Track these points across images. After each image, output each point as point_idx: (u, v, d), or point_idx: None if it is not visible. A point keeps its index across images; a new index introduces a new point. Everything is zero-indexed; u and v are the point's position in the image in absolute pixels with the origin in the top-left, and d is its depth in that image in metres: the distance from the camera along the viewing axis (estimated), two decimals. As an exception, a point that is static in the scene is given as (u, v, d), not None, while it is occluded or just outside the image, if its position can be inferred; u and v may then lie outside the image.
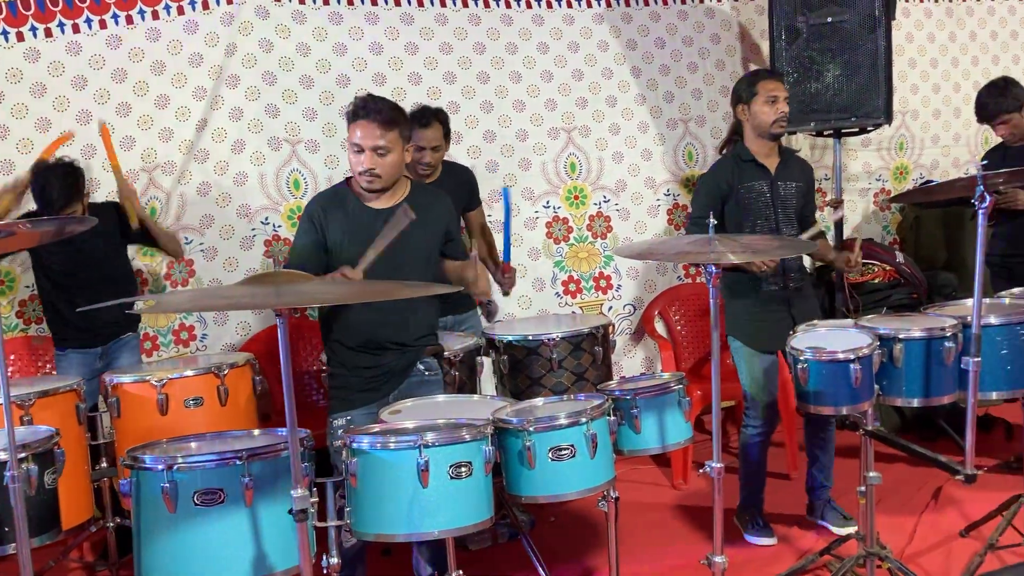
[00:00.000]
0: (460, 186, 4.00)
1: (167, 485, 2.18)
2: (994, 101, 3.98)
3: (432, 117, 3.72)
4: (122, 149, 3.86)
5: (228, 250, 4.05)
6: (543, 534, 3.73)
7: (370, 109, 2.74)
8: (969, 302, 2.86)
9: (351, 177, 2.89)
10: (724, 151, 3.59)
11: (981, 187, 2.67)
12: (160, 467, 2.21)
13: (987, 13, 5.52)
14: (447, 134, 3.82)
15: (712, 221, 2.58)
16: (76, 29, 3.79)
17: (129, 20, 3.86)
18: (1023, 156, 3.94)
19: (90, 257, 3.48)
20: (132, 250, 3.77)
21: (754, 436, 3.54)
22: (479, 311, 4.21)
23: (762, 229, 3.41)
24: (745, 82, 3.47)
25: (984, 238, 2.70)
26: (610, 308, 4.70)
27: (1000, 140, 4.20)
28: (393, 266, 2.75)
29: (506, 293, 4.01)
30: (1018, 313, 3.04)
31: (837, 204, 4.46)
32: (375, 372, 2.88)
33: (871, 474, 2.96)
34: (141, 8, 3.88)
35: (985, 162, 2.76)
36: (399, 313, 2.84)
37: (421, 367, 2.97)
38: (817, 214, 3.74)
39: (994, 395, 3.06)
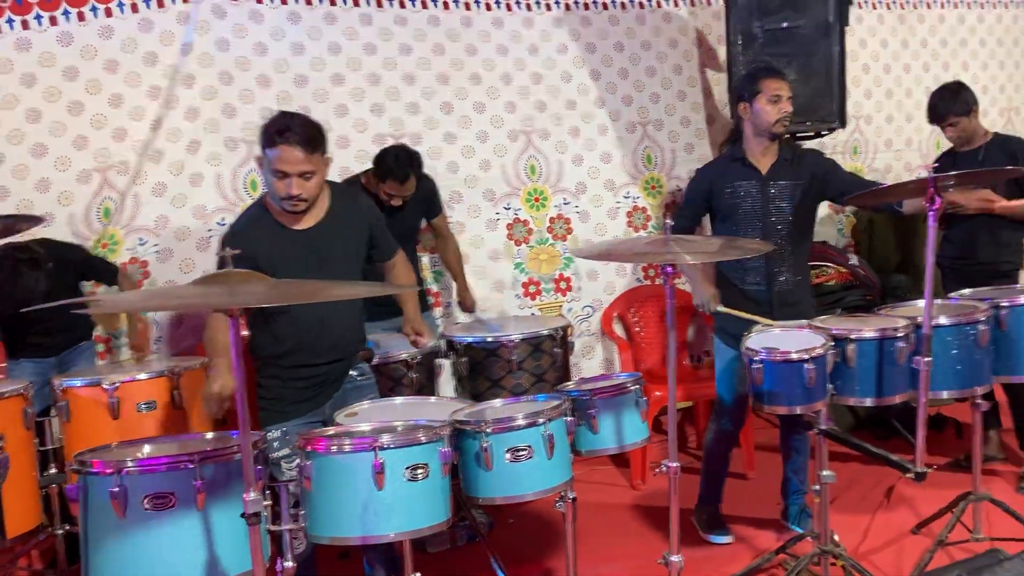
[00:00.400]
0: (422, 197, 3.99)
1: (116, 489, 2.14)
2: (944, 104, 4.04)
3: (409, 172, 3.69)
4: (75, 148, 3.80)
5: (184, 251, 3.99)
6: (502, 536, 3.73)
7: (293, 132, 2.61)
8: (920, 303, 2.91)
9: (266, 194, 2.82)
10: (724, 150, 3.59)
11: (932, 189, 2.72)
12: (109, 471, 2.16)
13: (937, 20, 5.63)
14: (419, 181, 3.81)
15: (669, 223, 2.59)
16: (25, 25, 3.71)
17: (81, 17, 3.80)
18: (971, 162, 4.02)
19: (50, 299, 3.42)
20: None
21: (719, 434, 3.55)
22: (433, 312, 4.23)
23: (749, 230, 3.37)
24: (747, 80, 3.40)
25: (935, 241, 2.75)
26: (570, 310, 4.71)
27: (950, 147, 4.27)
28: (317, 276, 2.72)
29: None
30: (968, 314, 3.09)
31: None
32: (309, 383, 2.85)
33: (825, 473, 2.99)
34: (94, 5, 3.82)
35: (936, 164, 2.81)
36: (327, 322, 2.81)
37: (354, 372, 2.95)
38: None
39: (945, 394, 3.11)
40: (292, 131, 2.61)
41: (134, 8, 3.87)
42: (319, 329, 2.80)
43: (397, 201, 3.75)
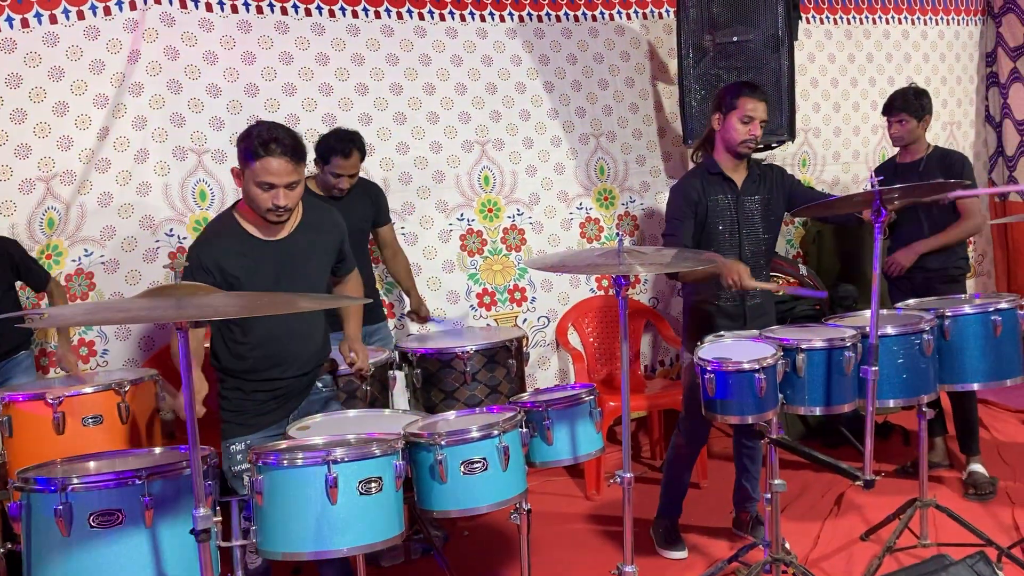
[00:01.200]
0: (369, 202, 3.99)
1: (60, 507, 2.09)
2: (904, 99, 4.10)
3: (352, 146, 3.72)
4: (17, 157, 3.71)
5: (130, 262, 3.92)
6: (456, 549, 3.71)
7: (279, 144, 2.60)
8: (867, 313, 2.96)
9: (237, 204, 2.80)
10: (695, 156, 3.53)
11: (878, 201, 2.78)
12: (52, 488, 2.11)
13: (883, 36, 5.76)
14: (363, 158, 3.81)
15: (620, 234, 2.61)
16: (-33, 31, 3.63)
17: (25, 24, 3.71)
18: (912, 173, 4.09)
19: None
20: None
21: (683, 447, 3.54)
22: (391, 332, 4.20)
23: (725, 243, 3.37)
24: (729, 93, 3.36)
25: (880, 252, 2.81)
26: (525, 320, 4.71)
27: (892, 156, 4.35)
28: (288, 288, 2.72)
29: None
30: (913, 324, 3.16)
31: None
32: (272, 395, 2.83)
33: (776, 481, 3.03)
34: (38, 12, 3.73)
35: (881, 177, 2.87)
36: (291, 335, 2.79)
37: (319, 384, 2.94)
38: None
39: (891, 403, 3.17)
40: (279, 142, 2.60)
41: (80, 15, 3.79)
42: (282, 342, 2.78)
43: (345, 183, 3.74)
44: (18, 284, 3.54)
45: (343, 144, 3.71)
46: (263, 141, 2.59)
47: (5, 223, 3.70)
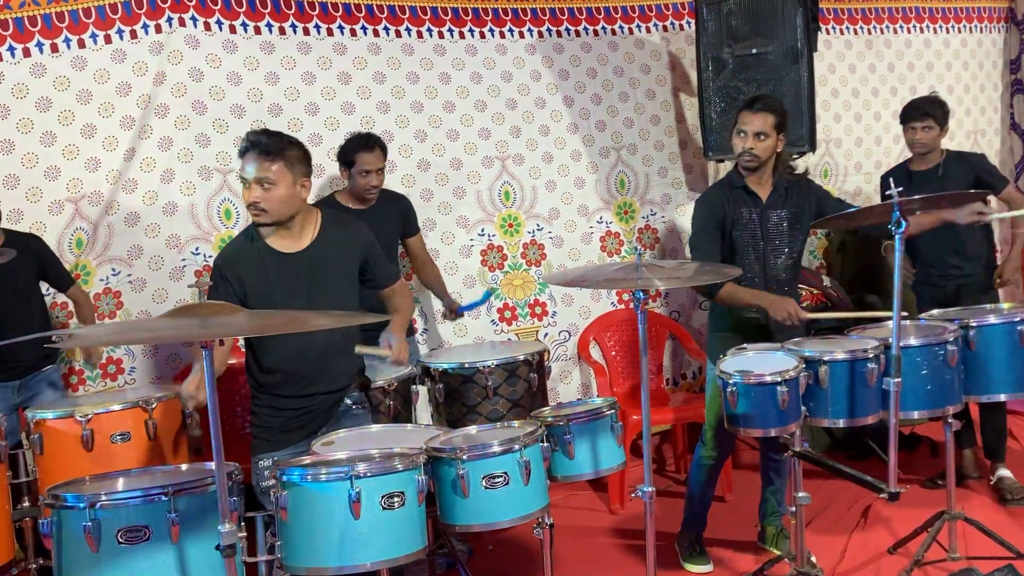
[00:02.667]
0: (396, 213, 4.02)
1: (89, 524, 2.13)
2: (929, 104, 4.06)
3: (372, 140, 3.81)
4: (46, 179, 3.79)
5: (157, 281, 3.98)
6: (481, 563, 3.71)
7: (255, 142, 2.71)
8: (890, 324, 2.95)
9: None
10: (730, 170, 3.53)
11: (898, 212, 2.77)
12: (82, 505, 2.15)
13: (904, 45, 5.74)
14: (385, 155, 3.88)
15: (639, 248, 2.61)
16: (-2, 57, 3.71)
17: (55, 48, 3.80)
18: (930, 178, 4.04)
19: (8, 286, 3.39)
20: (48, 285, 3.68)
21: (707, 460, 3.51)
22: (415, 338, 4.22)
23: (748, 258, 3.35)
24: (738, 107, 3.41)
25: (902, 262, 2.79)
26: (546, 335, 4.72)
27: (902, 163, 4.28)
28: (310, 301, 2.75)
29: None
30: (937, 334, 3.14)
31: None
32: (302, 412, 2.85)
33: (800, 494, 3.02)
34: (67, 36, 3.82)
35: (900, 188, 2.85)
36: (319, 351, 2.81)
37: (348, 401, 2.95)
38: None
39: (916, 414, 3.15)
40: (255, 141, 2.71)
41: (107, 39, 3.87)
42: (310, 358, 2.80)
43: (375, 180, 3.77)
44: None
45: (363, 139, 3.78)
46: (243, 143, 2.74)
47: (35, 244, 3.77)
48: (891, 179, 3.26)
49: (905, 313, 2.95)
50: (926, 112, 4.04)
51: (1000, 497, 3.94)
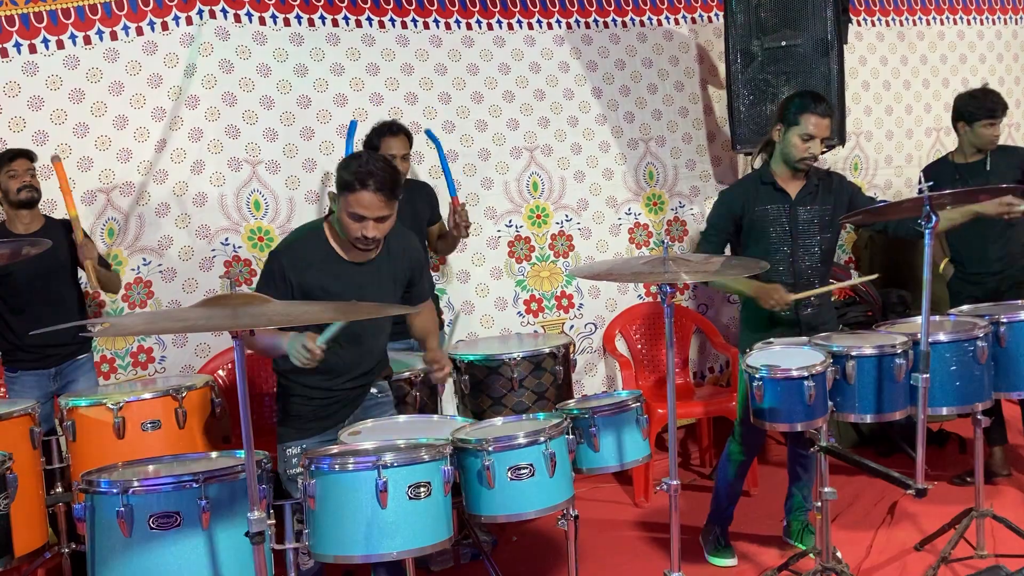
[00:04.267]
0: (423, 201, 4.04)
1: (122, 509, 2.17)
2: (999, 98, 3.98)
3: (399, 127, 3.86)
4: (79, 170, 3.84)
5: (187, 271, 4.02)
6: (505, 554, 3.73)
7: (377, 180, 2.63)
8: (919, 319, 2.92)
9: (328, 219, 2.86)
10: (753, 162, 3.50)
11: (928, 207, 2.74)
12: (115, 491, 2.19)
13: (937, 37, 5.66)
14: (411, 142, 3.91)
15: (667, 241, 2.61)
16: (32, 49, 3.76)
17: (87, 41, 3.84)
18: (979, 171, 3.97)
19: (46, 271, 3.45)
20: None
21: (736, 454, 3.50)
22: (445, 335, 4.23)
23: (778, 254, 3.33)
24: (794, 105, 3.28)
25: (932, 257, 2.76)
26: (572, 327, 4.72)
27: (944, 156, 4.22)
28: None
29: (465, 233, 4.07)
30: (966, 330, 3.11)
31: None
32: (331, 401, 2.88)
33: (826, 489, 3.00)
34: (99, 29, 3.86)
35: (931, 183, 2.82)
36: (357, 344, 2.84)
37: (374, 390, 2.99)
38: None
39: (944, 411, 3.13)
40: (374, 176, 2.64)
41: (139, 31, 3.92)
42: (351, 352, 2.83)
43: (400, 166, 3.76)
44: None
45: (388, 125, 3.85)
46: (360, 175, 2.64)
47: (69, 233, 3.83)
48: (924, 171, 3.21)
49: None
50: (1004, 106, 3.99)
51: None
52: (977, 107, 4.01)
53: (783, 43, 4.51)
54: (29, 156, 3.53)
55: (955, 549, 3.27)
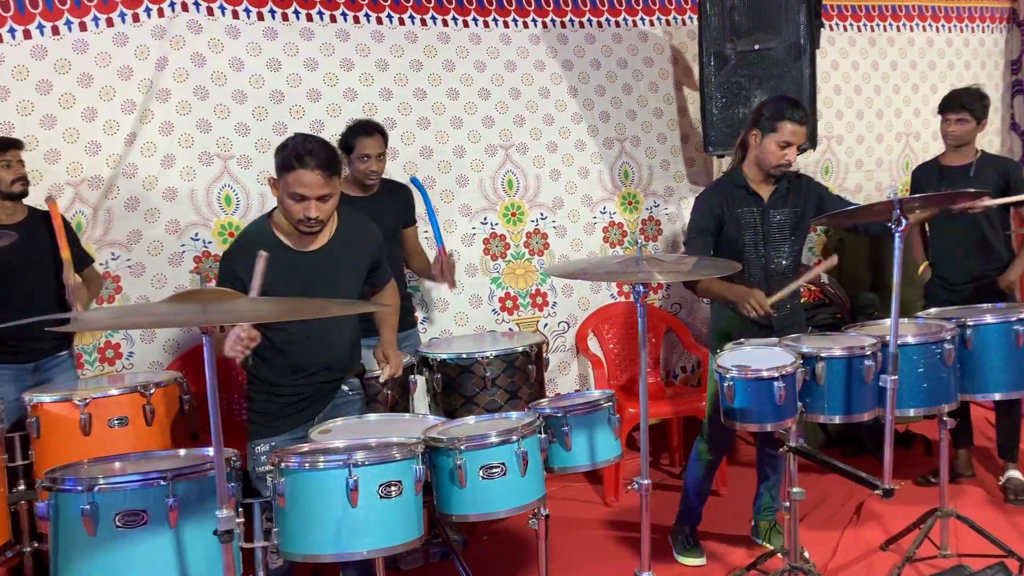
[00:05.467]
0: (398, 203, 4.02)
1: (87, 507, 2.13)
2: (968, 96, 3.98)
3: (371, 125, 3.82)
4: (46, 162, 3.78)
5: (156, 267, 3.97)
6: (475, 553, 3.73)
7: (313, 157, 2.63)
8: (888, 322, 2.96)
9: (272, 213, 2.84)
10: (730, 165, 3.51)
11: (898, 211, 2.77)
12: (80, 488, 2.16)
13: (907, 43, 5.73)
14: (386, 141, 3.88)
15: (641, 241, 2.62)
16: (-1, 38, 3.70)
17: (55, 31, 3.78)
18: (962, 176, 3.99)
19: (29, 265, 3.40)
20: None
21: (705, 453, 3.53)
22: (418, 333, 4.21)
23: (752, 257, 3.36)
24: (770, 111, 3.29)
25: (901, 260, 2.79)
26: (546, 325, 4.73)
27: (935, 157, 4.24)
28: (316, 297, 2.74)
29: (452, 283, 4.07)
30: (934, 333, 3.15)
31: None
32: (300, 398, 2.86)
33: (795, 490, 3.03)
34: (68, 19, 3.80)
35: (894, 186, 2.85)
36: (325, 340, 2.82)
37: (345, 388, 2.98)
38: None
39: (911, 412, 3.16)
40: (312, 155, 2.63)
41: (109, 23, 3.86)
42: (310, 348, 2.81)
43: (375, 165, 3.77)
44: None
45: (363, 125, 3.81)
46: (297, 154, 2.63)
47: (35, 226, 3.76)
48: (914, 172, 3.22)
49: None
50: (962, 104, 3.96)
51: (1005, 496, 3.96)
52: (941, 103, 4.10)
53: (756, 46, 4.54)
54: (19, 145, 3.48)
55: (920, 549, 3.31)
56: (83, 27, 3.82)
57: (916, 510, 3.49)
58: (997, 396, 3.33)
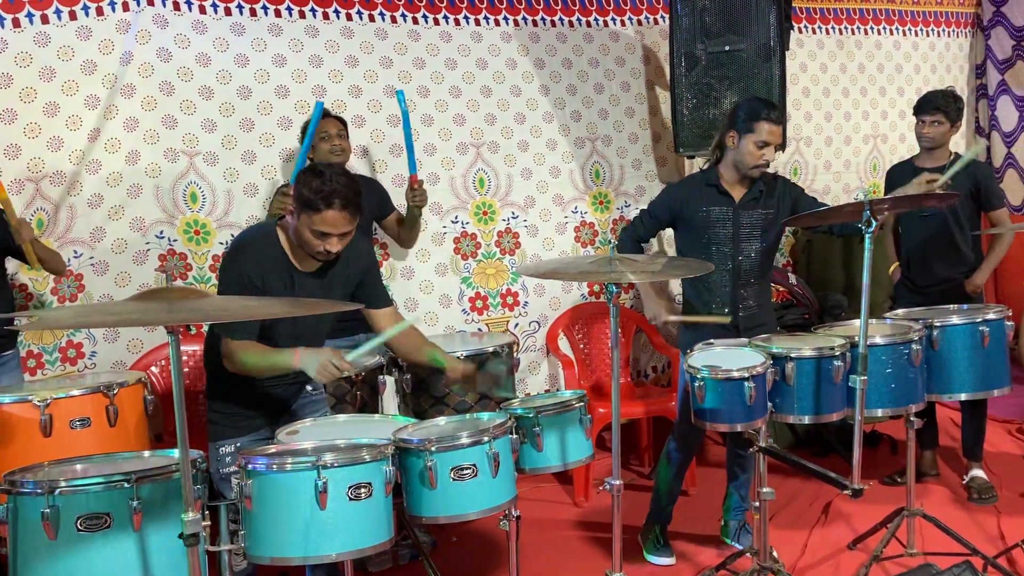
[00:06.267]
0: (370, 197, 3.98)
1: (47, 510, 2.07)
2: (942, 98, 4.01)
3: (328, 112, 3.90)
4: (6, 157, 3.69)
5: (120, 264, 3.90)
6: (445, 555, 3.70)
7: (340, 198, 2.61)
8: (857, 322, 2.98)
9: (280, 220, 2.81)
10: (706, 164, 3.52)
11: (867, 212, 2.79)
12: (40, 491, 2.10)
13: (874, 47, 5.79)
14: (346, 126, 3.92)
15: (613, 241, 2.61)
16: (-42, 30, 3.61)
17: (16, 23, 3.69)
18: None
19: None
20: (13, 264, 3.59)
21: (675, 453, 3.54)
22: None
23: (720, 256, 3.37)
24: (747, 112, 3.31)
25: (871, 261, 2.81)
26: (516, 325, 4.71)
27: (910, 159, 4.27)
28: (306, 316, 2.72)
29: (419, 210, 4.07)
30: (902, 334, 3.17)
31: None
32: (268, 399, 2.83)
33: (764, 489, 3.04)
34: (30, 12, 3.72)
35: (862, 186, 2.87)
36: (308, 343, 2.78)
37: (308, 387, 2.96)
38: None
39: (879, 412, 3.18)
40: (339, 195, 2.61)
41: (72, 16, 3.78)
42: (283, 347, 2.76)
43: (338, 142, 3.79)
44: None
45: (328, 116, 3.85)
46: (325, 196, 2.60)
47: (-6, 223, 3.68)
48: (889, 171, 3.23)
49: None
50: (937, 106, 3.99)
51: (969, 496, 4.00)
52: (916, 105, 4.13)
53: (727, 47, 4.56)
54: None
55: (887, 548, 3.34)
56: (45, 20, 3.74)
57: (883, 509, 3.52)
58: (963, 396, 3.36)
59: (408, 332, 2.97)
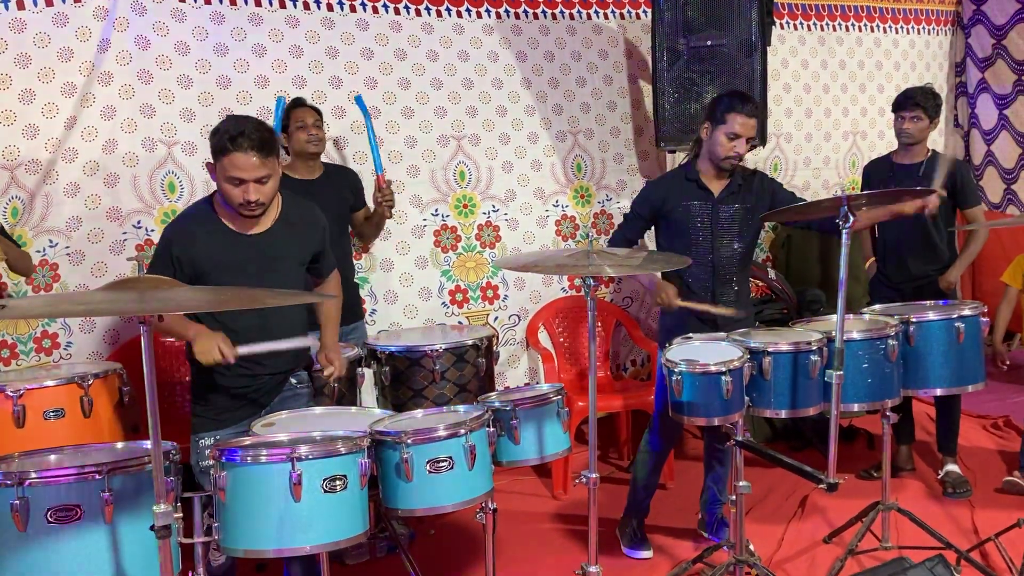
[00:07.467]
0: (344, 187, 3.97)
1: (16, 502, 2.06)
2: (922, 95, 4.02)
3: (304, 101, 3.91)
4: (-19, 144, 3.64)
5: (96, 254, 3.86)
6: (422, 547, 3.70)
7: (246, 138, 2.54)
8: (833, 318, 2.99)
9: (214, 195, 2.77)
10: (686, 159, 3.53)
11: (845, 208, 2.80)
12: (9, 482, 2.08)
13: (855, 43, 5.81)
14: (320, 114, 3.90)
15: (592, 234, 2.61)
16: (-69, 15, 3.55)
17: (-9, 9, 3.65)
18: (911, 174, 4.03)
19: None
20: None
21: (653, 446, 3.55)
22: (364, 324, 4.16)
23: (699, 251, 3.37)
24: (721, 104, 3.32)
25: (848, 257, 2.82)
26: (496, 318, 4.71)
27: (887, 154, 4.27)
28: (260, 285, 2.68)
29: (388, 211, 4.08)
30: (879, 329, 3.19)
31: None
32: (248, 391, 2.81)
33: (741, 483, 3.05)
34: (5, -4, 3.67)
35: (839, 182, 2.88)
36: (270, 331, 2.76)
37: (293, 380, 2.92)
38: None
39: (856, 407, 3.21)
40: (245, 136, 2.55)
41: (48, 2, 3.72)
42: (264, 339, 2.74)
43: (314, 132, 3.79)
44: None
45: (294, 100, 3.88)
46: (231, 136, 2.55)
47: (-32, 211, 3.64)
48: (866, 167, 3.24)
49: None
50: (917, 103, 4.00)
51: (943, 490, 4.04)
52: (895, 101, 4.12)
53: (708, 42, 4.56)
54: None
55: (862, 541, 3.37)
56: (21, 5, 3.69)
57: (858, 503, 3.55)
58: (938, 391, 3.39)
59: (325, 307, 2.97)
